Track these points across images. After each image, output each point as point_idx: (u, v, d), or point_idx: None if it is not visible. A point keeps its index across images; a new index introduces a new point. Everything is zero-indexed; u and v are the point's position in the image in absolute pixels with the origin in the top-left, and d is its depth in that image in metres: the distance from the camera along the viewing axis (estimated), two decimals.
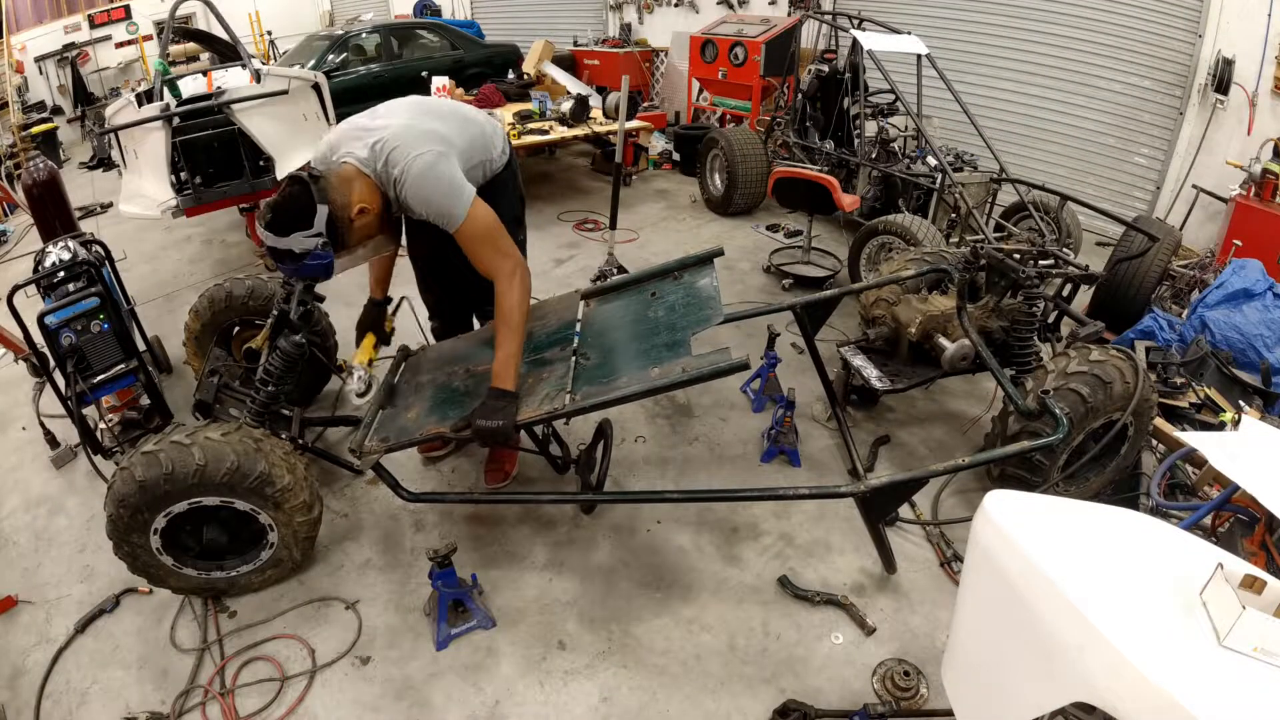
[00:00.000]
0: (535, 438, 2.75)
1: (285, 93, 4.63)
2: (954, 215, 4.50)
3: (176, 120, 4.28)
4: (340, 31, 8.53)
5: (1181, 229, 4.97)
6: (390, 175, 2.23)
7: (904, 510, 2.73)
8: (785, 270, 4.83)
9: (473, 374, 2.62)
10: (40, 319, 2.72)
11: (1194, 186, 5.22)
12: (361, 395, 2.67)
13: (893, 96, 4.92)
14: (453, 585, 2.29)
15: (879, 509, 2.32)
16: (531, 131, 5.96)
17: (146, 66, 11.66)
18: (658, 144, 7.64)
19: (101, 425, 3.02)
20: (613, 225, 4.57)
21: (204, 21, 9.21)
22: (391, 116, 2.36)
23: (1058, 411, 2.38)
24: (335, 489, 2.99)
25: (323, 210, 2.13)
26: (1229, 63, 4.98)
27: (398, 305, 2.98)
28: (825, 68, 5.55)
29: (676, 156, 7.39)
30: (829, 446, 3.24)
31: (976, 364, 3.05)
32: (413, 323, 3.20)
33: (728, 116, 7.48)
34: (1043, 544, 1.18)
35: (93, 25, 11.78)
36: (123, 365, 2.93)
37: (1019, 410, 2.56)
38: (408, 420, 2.52)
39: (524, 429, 2.53)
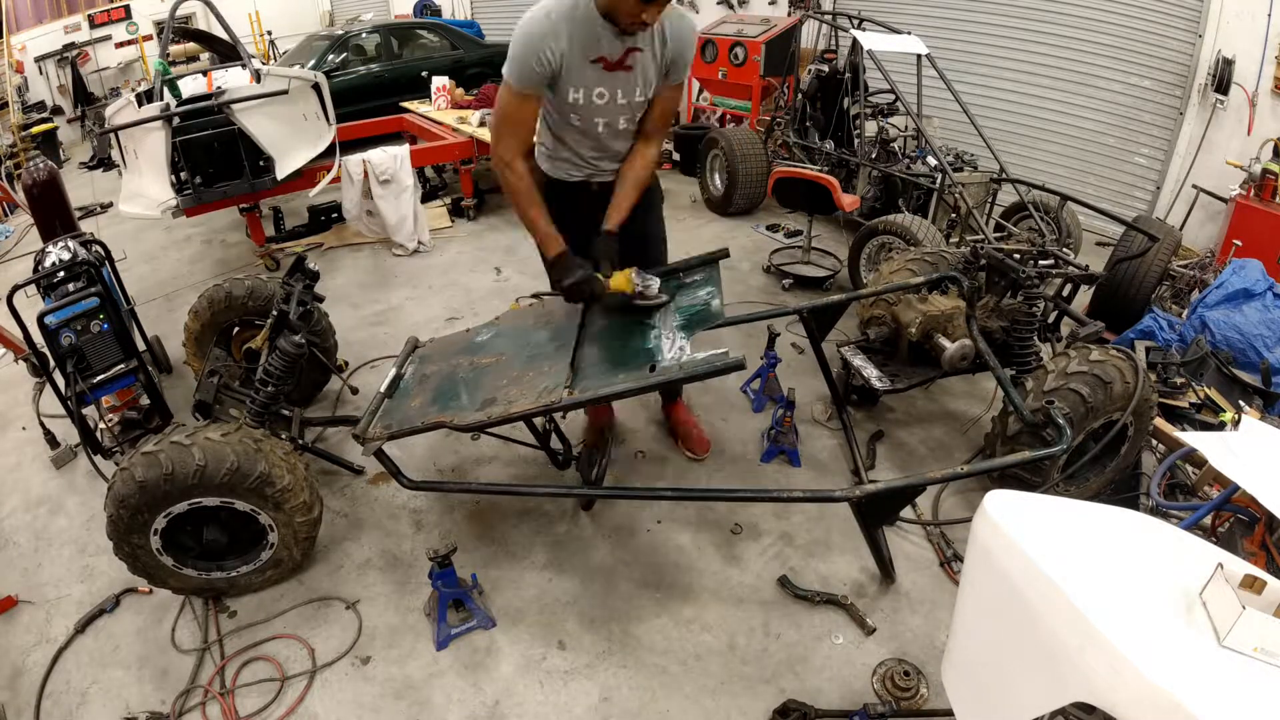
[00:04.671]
0: (536, 432, 2.75)
1: (285, 93, 4.63)
2: (954, 215, 4.50)
3: (176, 120, 4.28)
4: (340, 31, 8.53)
5: (1181, 229, 4.97)
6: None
7: (905, 510, 2.73)
8: (785, 270, 4.83)
9: (476, 366, 2.63)
10: (40, 319, 2.72)
11: (1194, 186, 5.22)
12: (653, 296, 2.41)
13: (893, 96, 4.92)
14: (453, 585, 2.29)
15: (876, 515, 2.31)
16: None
17: (146, 66, 11.65)
18: None
19: (101, 425, 3.02)
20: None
21: (204, 21, 9.21)
22: None
23: (1061, 421, 2.37)
24: (335, 489, 2.99)
25: None
26: (1229, 63, 4.98)
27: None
28: (825, 68, 5.55)
29: (676, 156, 7.39)
30: (830, 447, 3.24)
31: (976, 364, 3.05)
32: (416, 319, 3.19)
33: (728, 116, 7.47)
34: (1043, 544, 1.18)
35: (93, 25, 11.77)
36: (123, 365, 2.93)
37: (1024, 421, 2.56)
38: (411, 409, 2.52)
39: (525, 423, 2.54)
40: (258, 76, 4.79)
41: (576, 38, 2.06)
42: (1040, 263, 2.96)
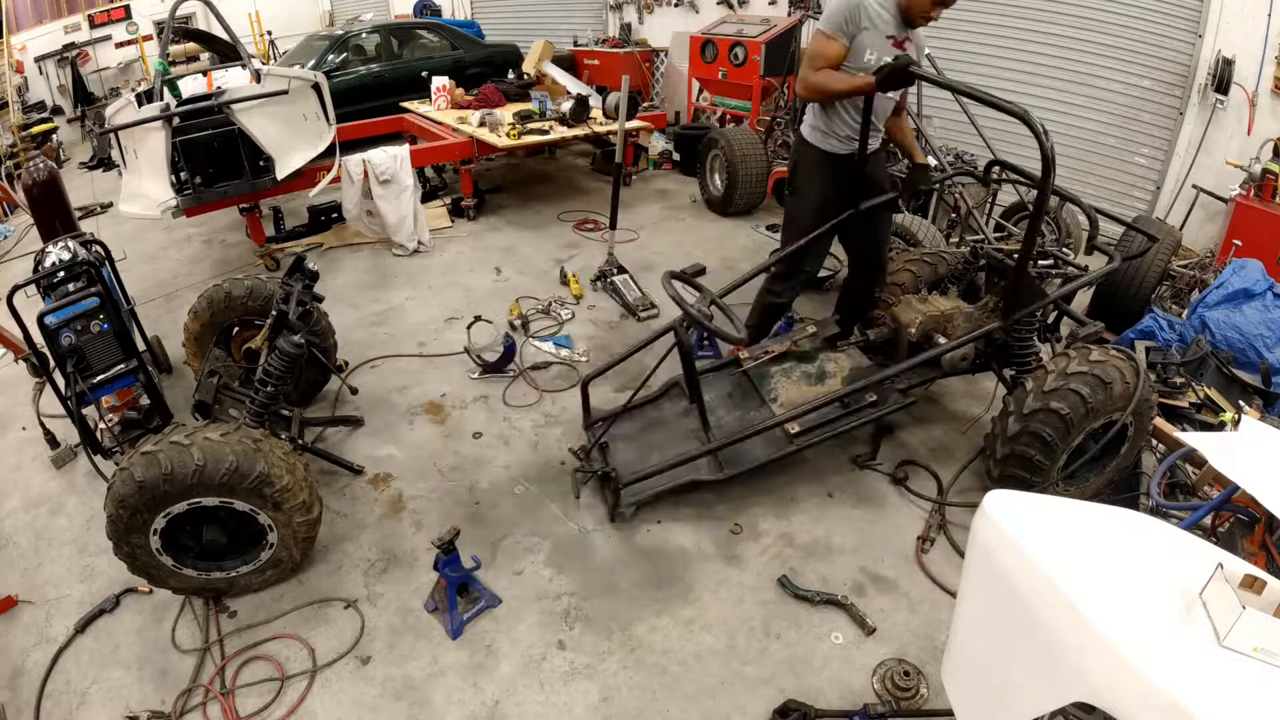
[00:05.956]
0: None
1: (285, 93, 4.63)
2: (954, 215, 4.50)
3: (176, 120, 4.28)
4: (340, 31, 8.53)
5: (1181, 229, 4.97)
6: None
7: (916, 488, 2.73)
8: None
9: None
10: (40, 319, 2.72)
11: (1194, 186, 5.21)
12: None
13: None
14: (459, 569, 2.32)
15: None
16: (531, 131, 5.96)
17: (146, 66, 11.66)
18: (658, 144, 7.63)
19: (101, 425, 3.02)
20: (613, 225, 4.57)
21: (204, 21, 9.21)
22: None
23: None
24: (335, 489, 2.99)
25: None
26: (1229, 63, 4.98)
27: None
28: None
29: (676, 156, 7.39)
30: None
31: (976, 364, 3.05)
32: (416, 319, 3.16)
33: (728, 116, 7.47)
34: (1043, 544, 1.18)
35: (93, 25, 11.78)
36: (123, 365, 2.93)
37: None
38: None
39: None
40: (258, 77, 4.79)
41: (879, 17, 2.76)
42: (1040, 263, 2.97)
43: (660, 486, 2.79)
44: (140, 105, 4.53)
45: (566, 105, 6.24)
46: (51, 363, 2.85)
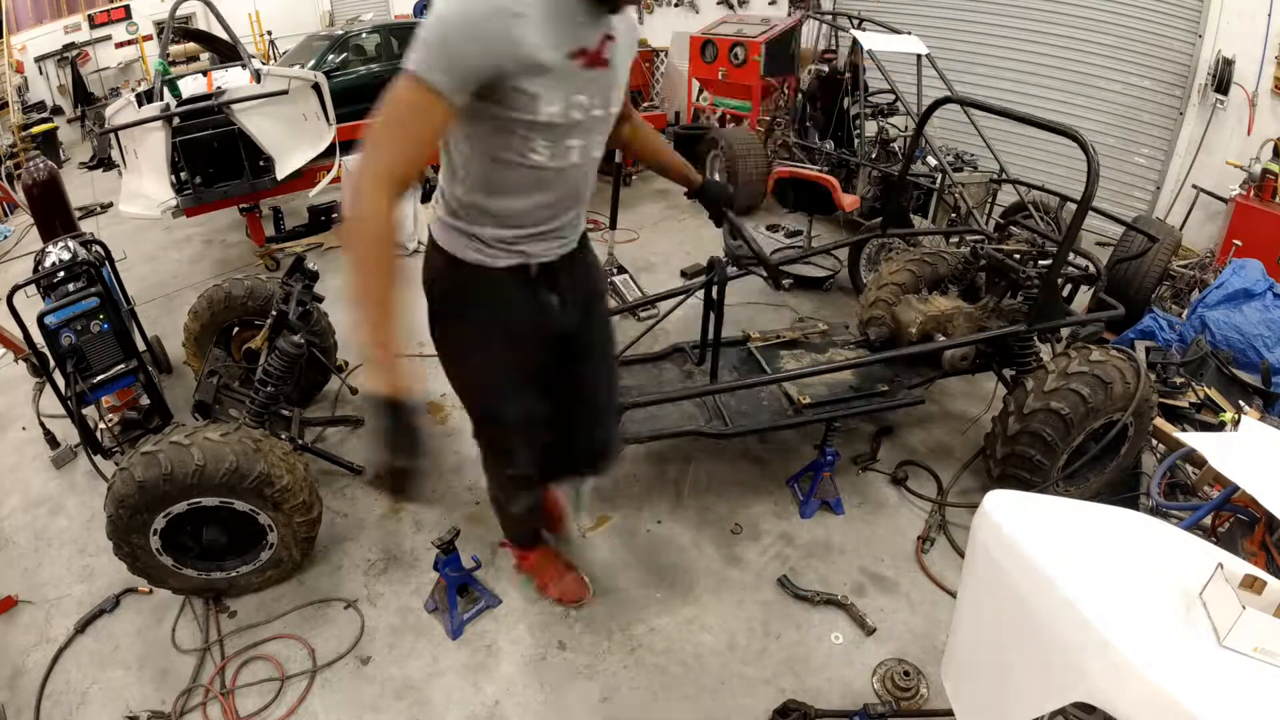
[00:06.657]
0: None
1: (285, 93, 4.63)
2: (954, 215, 4.50)
3: (176, 120, 4.28)
4: (340, 31, 8.53)
5: (1181, 229, 4.97)
6: None
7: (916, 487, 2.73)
8: (785, 270, 4.82)
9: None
10: (40, 319, 2.72)
11: (1194, 186, 5.22)
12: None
13: (893, 96, 4.92)
14: (459, 569, 2.32)
15: None
16: None
17: (146, 66, 11.65)
18: None
19: (101, 425, 3.02)
20: (613, 225, 4.57)
21: (204, 21, 9.20)
22: None
23: None
24: (335, 489, 2.99)
25: None
26: (1229, 63, 4.98)
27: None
28: (825, 68, 5.55)
29: None
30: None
31: (976, 364, 3.05)
32: (416, 319, 3.17)
33: (728, 116, 7.47)
34: (1043, 544, 1.18)
35: (93, 25, 11.78)
36: (122, 365, 2.93)
37: None
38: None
39: None
40: (258, 76, 4.79)
41: (549, 21, 1.30)
42: (1040, 263, 2.97)
43: (661, 430, 2.72)
44: (140, 105, 4.53)
45: None
46: (51, 363, 2.85)
